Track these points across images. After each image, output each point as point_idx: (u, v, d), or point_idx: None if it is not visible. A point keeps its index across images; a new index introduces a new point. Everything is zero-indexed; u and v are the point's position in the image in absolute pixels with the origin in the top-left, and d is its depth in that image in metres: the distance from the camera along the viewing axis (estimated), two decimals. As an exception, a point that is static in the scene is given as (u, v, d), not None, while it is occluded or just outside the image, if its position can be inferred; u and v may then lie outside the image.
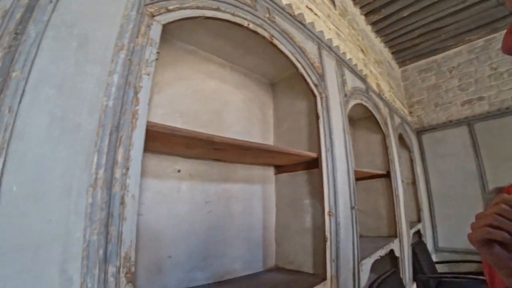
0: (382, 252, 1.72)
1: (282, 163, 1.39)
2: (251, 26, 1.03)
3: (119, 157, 0.57)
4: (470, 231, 0.51)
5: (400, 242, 2.08)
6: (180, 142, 0.81)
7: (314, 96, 1.30)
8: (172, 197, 0.99)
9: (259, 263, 1.28)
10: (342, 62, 1.68)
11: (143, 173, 0.64)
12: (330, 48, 1.56)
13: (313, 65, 1.32)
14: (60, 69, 0.54)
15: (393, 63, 4.19)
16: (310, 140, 1.32)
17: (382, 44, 3.72)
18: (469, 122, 3.59)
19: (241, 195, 1.23)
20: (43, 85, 0.52)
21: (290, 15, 1.28)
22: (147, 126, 0.64)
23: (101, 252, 0.52)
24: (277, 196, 1.40)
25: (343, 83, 1.62)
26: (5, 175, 0.45)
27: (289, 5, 1.29)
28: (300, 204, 1.29)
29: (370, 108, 2.05)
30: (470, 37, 3.67)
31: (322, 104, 1.30)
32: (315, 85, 1.30)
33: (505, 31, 0.52)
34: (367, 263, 1.46)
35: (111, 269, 0.53)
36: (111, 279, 0.52)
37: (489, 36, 3.61)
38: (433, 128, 3.91)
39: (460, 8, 3.05)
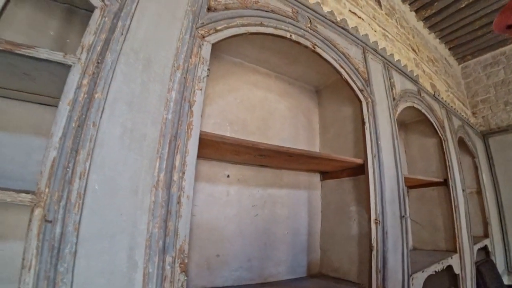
0: (438, 267, 1.58)
1: (327, 169, 1.39)
2: (294, 37, 1.08)
3: (177, 163, 0.67)
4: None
5: (461, 258, 1.88)
6: (228, 149, 0.90)
7: (360, 101, 1.28)
8: (222, 200, 1.08)
9: (303, 269, 1.30)
10: (389, 64, 1.61)
11: (196, 177, 0.73)
12: (375, 51, 1.52)
13: (358, 70, 1.31)
14: (130, 89, 0.66)
15: (451, 60, 3.80)
16: (356, 146, 1.30)
17: (437, 40, 3.42)
18: (550, 122, 3.07)
19: (287, 201, 1.27)
20: (117, 103, 0.64)
21: (332, 22, 1.29)
22: (200, 135, 0.73)
23: (160, 243, 0.61)
24: (323, 203, 1.40)
25: (391, 86, 1.55)
26: (90, 175, 0.57)
27: (331, 12, 1.31)
28: (346, 211, 1.27)
29: (423, 110, 1.91)
30: (550, 24, 3.15)
31: (368, 109, 1.28)
32: (360, 90, 1.28)
33: None
34: (420, 278, 1.36)
35: (168, 259, 0.62)
36: (167, 267, 0.61)
37: None
38: (504, 130, 3.42)
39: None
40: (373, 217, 1.13)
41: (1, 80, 0.74)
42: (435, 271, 1.57)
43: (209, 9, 0.87)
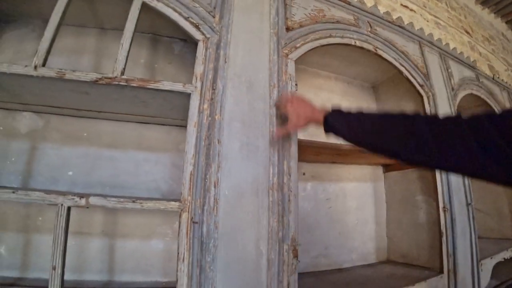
0: (506, 254, 1.58)
1: (391, 162, 1.47)
2: (358, 43, 1.18)
3: (285, 167, 0.83)
4: None
5: (533, 245, 1.82)
6: (313, 151, 1.04)
7: (421, 95, 1.34)
8: (300, 195, 1.24)
9: (372, 255, 1.41)
10: (446, 54, 1.62)
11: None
12: (431, 43, 1.54)
13: (417, 66, 1.36)
14: (240, 108, 0.82)
15: (510, 34, 3.49)
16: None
17: (492, 15, 3.17)
18: None
19: (355, 193, 1.39)
20: (233, 122, 0.80)
21: (389, 22, 1.35)
22: (298, 142, 0.89)
23: (280, 234, 0.78)
24: (387, 193, 1.49)
25: (449, 76, 1.56)
26: (221, 183, 0.74)
27: (387, 12, 1.37)
28: (412, 200, 1.35)
29: (483, 96, 1.87)
30: None
31: (429, 103, 1.33)
32: (421, 86, 1.34)
33: None
34: (488, 264, 1.39)
35: (285, 247, 0.78)
36: (285, 254, 0.78)
37: None
38: None
39: None
40: (441, 205, 1.20)
41: (121, 107, 0.94)
42: (504, 258, 1.57)
43: (287, 29, 1.00)
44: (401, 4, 1.64)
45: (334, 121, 0.69)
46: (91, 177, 0.97)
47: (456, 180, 1.31)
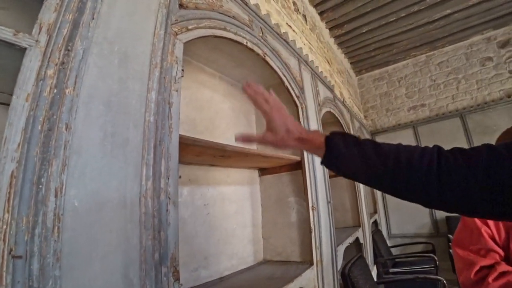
0: (350, 239, 1.99)
1: (266, 166, 1.54)
2: (249, 44, 1.17)
3: (162, 168, 0.66)
4: (416, 218, 0.75)
5: (363, 231, 2.40)
6: (194, 151, 0.92)
7: (296, 106, 1.48)
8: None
9: (251, 258, 1.42)
10: (316, 75, 1.90)
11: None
12: (306, 62, 1.77)
13: (296, 79, 1.51)
14: (107, 85, 0.59)
15: (351, 72, 4.65)
16: (294, 144, 1.50)
17: (343, 55, 4.13)
18: (414, 125, 4.18)
19: (234, 197, 1.36)
20: (94, 101, 0.56)
21: (278, 34, 1.44)
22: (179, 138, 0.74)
23: (156, 255, 0.59)
24: (263, 196, 1.55)
25: (317, 94, 1.84)
26: (68, 190, 0.49)
27: (277, 25, 1.46)
28: (285, 201, 1.46)
29: (336, 114, 2.33)
30: (415, 53, 4.27)
31: (303, 113, 1.50)
32: (297, 97, 1.49)
33: (443, 48, 0.76)
34: (341, 249, 1.69)
35: (164, 270, 0.60)
36: (164, 279, 0.59)
37: (430, 53, 4.26)
38: (385, 131, 4.45)
39: (409, 28, 3.55)
40: (310, 204, 1.35)
41: None
42: (349, 243, 1.97)
43: (181, 5, 0.85)
44: (287, 23, 1.82)
45: (343, 149, 0.54)
46: None
47: (320, 182, 1.52)
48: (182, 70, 0.80)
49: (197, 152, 0.96)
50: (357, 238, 2.20)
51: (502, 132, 0.95)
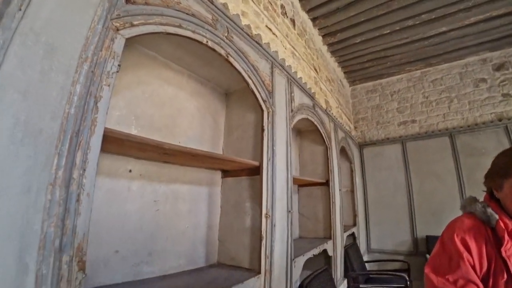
0: (315, 251, 1.95)
1: (228, 169, 1.51)
2: (210, 43, 1.14)
3: (78, 160, 0.64)
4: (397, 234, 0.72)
5: (334, 243, 2.36)
6: (133, 146, 0.89)
7: (262, 110, 1.45)
8: (122, 195, 1.05)
9: (202, 259, 1.38)
10: (293, 80, 1.87)
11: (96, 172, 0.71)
12: (282, 67, 1.74)
13: (264, 83, 1.48)
14: (26, 76, 0.58)
15: (345, 82, 4.63)
16: (255, 149, 1.47)
17: (336, 64, 4.11)
18: (403, 140, 4.15)
19: (188, 196, 1.32)
20: (9, 90, 0.55)
21: (248, 35, 1.41)
22: (105, 132, 0.71)
23: (57, 242, 0.59)
24: (222, 198, 1.51)
25: (291, 99, 1.81)
26: None
27: (248, 26, 1.43)
28: (242, 206, 1.42)
29: (315, 122, 2.29)
30: (410, 68, 4.26)
31: (268, 118, 1.46)
32: (264, 101, 1.46)
33: (438, 66, 0.71)
34: (300, 261, 1.65)
35: (65, 258, 0.60)
36: (64, 267, 0.59)
37: (425, 69, 4.24)
38: (373, 143, 4.42)
39: (404, 42, 3.54)
40: (264, 211, 1.31)
41: None
42: (314, 255, 1.93)
43: (127, 1, 0.83)
44: (266, 26, 1.80)
45: None
46: None
47: (280, 189, 1.48)
48: (119, 65, 0.77)
49: (139, 148, 0.92)
50: (325, 251, 2.15)
51: (499, 153, 0.90)
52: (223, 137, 1.62)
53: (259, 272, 1.25)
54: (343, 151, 3.33)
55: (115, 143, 0.87)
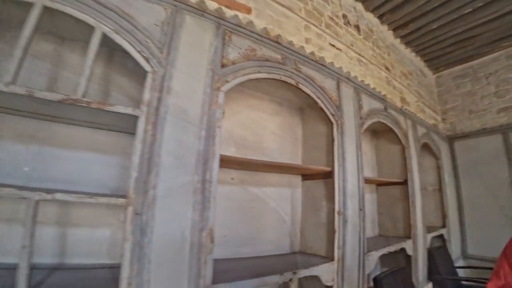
0: (391, 249, 2.04)
1: (306, 173, 1.80)
2: (282, 78, 1.47)
3: (207, 177, 1.07)
4: (501, 239, 0.92)
5: (414, 243, 2.35)
6: (234, 162, 1.29)
7: (331, 123, 1.69)
8: (229, 196, 1.49)
9: (286, 247, 1.72)
10: (360, 88, 2.02)
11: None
12: (348, 79, 1.92)
13: (331, 99, 1.71)
14: (176, 130, 1.04)
15: (426, 71, 4.25)
16: (328, 156, 1.71)
17: (413, 54, 3.84)
18: (504, 130, 3.56)
19: (275, 196, 1.69)
20: (170, 141, 1.01)
21: (313, 60, 1.68)
22: (220, 157, 1.12)
23: (199, 225, 1.02)
24: (303, 198, 1.82)
25: (360, 107, 1.97)
26: (158, 186, 0.95)
27: (312, 53, 1.69)
28: (318, 204, 1.70)
29: (389, 124, 2.34)
30: (507, 43, 3.61)
31: (337, 130, 1.69)
32: (332, 115, 1.69)
33: None
34: (374, 255, 1.81)
35: (203, 234, 1.02)
36: (203, 240, 1.02)
37: (531, 42, 3.52)
38: (466, 136, 3.92)
39: (492, 17, 3.08)
40: (336, 209, 1.56)
41: (77, 116, 1.07)
42: (389, 252, 2.03)
43: (222, 66, 1.24)
44: (330, 43, 2.00)
45: None
46: (45, 173, 1.07)
47: (352, 190, 1.69)
48: (223, 112, 1.17)
49: (237, 163, 1.33)
50: (403, 249, 2.20)
51: None
52: (301, 147, 1.92)
53: (333, 260, 1.51)
54: (426, 148, 3.16)
55: (224, 162, 1.28)
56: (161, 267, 0.93)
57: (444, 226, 3.32)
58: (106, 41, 1.00)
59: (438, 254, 2.79)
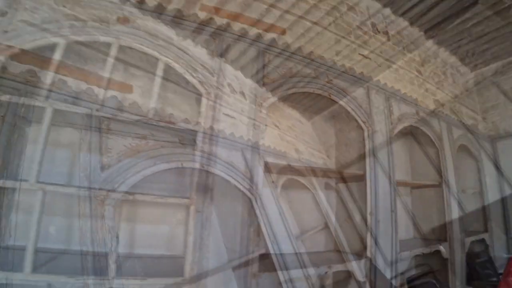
0: (425, 250, 2.09)
1: (340, 177, 1.94)
2: (316, 91, 1.63)
3: (254, 180, 1.27)
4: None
5: (450, 246, 2.35)
6: (274, 167, 1.48)
7: (362, 129, 1.81)
8: (271, 198, 1.68)
9: (322, 245, 1.87)
10: (390, 95, 2.10)
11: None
12: (378, 87, 2.02)
13: (362, 107, 1.83)
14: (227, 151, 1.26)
15: (463, 69, 4.09)
16: (360, 160, 1.83)
17: (447, 53, 3.74)
18: (554, 129, 3.33)
19: (311, 198, 1.84)
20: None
21: (343, 72, 1.81)
22: (264, 164, 1.32)
23: (249, 221, 1.22)
24: (337, 199, 1.95)
25: (390, 113, 2.05)
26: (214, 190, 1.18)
27: (343, 65, 1.83)
28: (352, 205, 1.82)
29: (421, 127, 2.38)
30: (554, 37, 3.37)
31: (368, 135, 1.81)
32: (363, 122, 1.81)
33: None
34: (407, 255, 1.88)
35: (251, 229, 1.23)
36: (252, 234, 1.22)
37: None
38: (510, 135, 3.71)
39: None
40: (368, 210, 1.68)
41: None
42: (422, 253, 2.07)
43: (263, 84, 1.44)
44: (359, 53, 2.10)
45: None
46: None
47: (383, 193, 1.79)
48: (266, 125, 1.37)
49: (279, 169, 1.52)
50: (438, 251, 2.21)
51: None
52: (334, 152, 2.06)
53: (366, 257, 1.63)
54: (464, 149, 3.08)
55: (265, 167, 1.48)
56: (217, 256, 1.15)
57: (486, 230, 3.19)
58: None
59: (479, 259, 2.72)
